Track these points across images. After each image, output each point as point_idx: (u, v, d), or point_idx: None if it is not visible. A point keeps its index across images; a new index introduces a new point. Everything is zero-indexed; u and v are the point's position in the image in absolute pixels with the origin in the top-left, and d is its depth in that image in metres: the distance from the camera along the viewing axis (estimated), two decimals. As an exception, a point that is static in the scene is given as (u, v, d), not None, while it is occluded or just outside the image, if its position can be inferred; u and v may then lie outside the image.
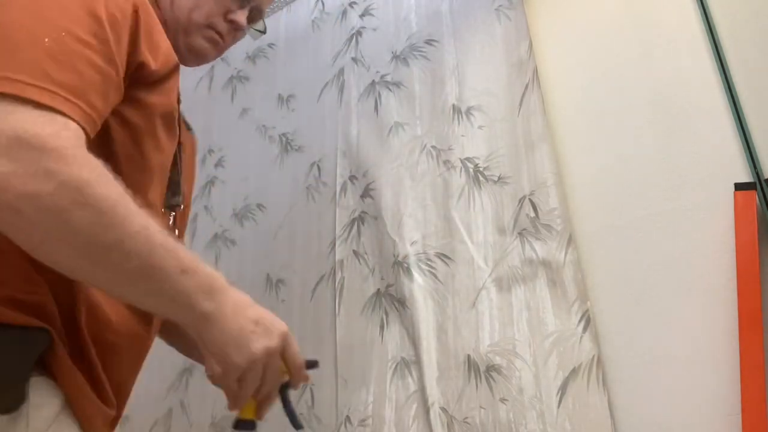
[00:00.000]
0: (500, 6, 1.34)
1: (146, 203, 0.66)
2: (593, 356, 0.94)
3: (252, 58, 1.84)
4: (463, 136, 1.26)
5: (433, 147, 1.30)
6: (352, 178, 1.39)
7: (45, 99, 0.54)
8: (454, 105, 1.31)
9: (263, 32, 1.02)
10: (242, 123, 1.74)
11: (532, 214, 1.10)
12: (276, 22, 1.83)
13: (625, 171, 1.11)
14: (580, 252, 1.07)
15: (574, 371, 0.94)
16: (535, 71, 1.23)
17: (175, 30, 0.86)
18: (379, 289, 1.24)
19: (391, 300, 1.21)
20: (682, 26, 1.15)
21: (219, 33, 0.90)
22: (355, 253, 1.31)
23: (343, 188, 1.39)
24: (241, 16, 0.91)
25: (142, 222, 0.57)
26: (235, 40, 0.95)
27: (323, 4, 1.71)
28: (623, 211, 1.09)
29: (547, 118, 1.19)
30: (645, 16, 1.20)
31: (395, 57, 1.47)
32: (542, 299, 1.03)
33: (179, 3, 0.86)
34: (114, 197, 0.56)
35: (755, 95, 1.04)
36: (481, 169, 1.21)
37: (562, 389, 0.93)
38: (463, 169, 1.23)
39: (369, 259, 1.28)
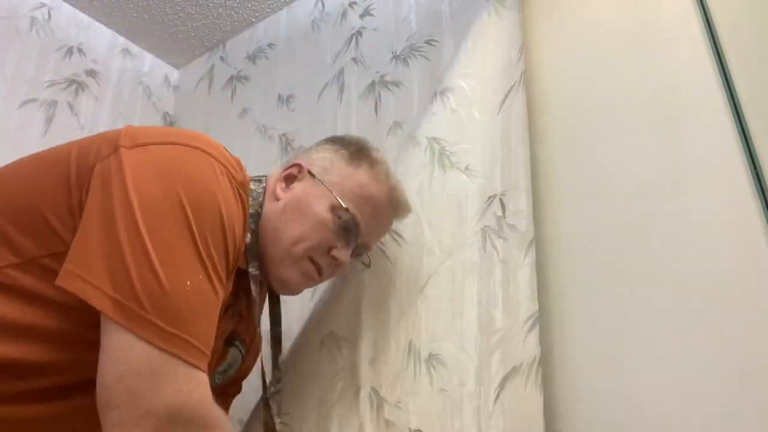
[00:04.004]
0: (498, 6, 1.33)
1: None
2: (535, 357, 0.93)
3: (252, 58, 1.84)
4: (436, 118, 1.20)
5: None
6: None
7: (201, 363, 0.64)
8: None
9: (368, 265, 1.01)
10: (242, 123, 1.74)
11: (500, 213, 1.07)
12: (276, 22, 1.83)
13: (625, 171, 1.11)
14: (551, 255, 1.06)
15: (515, 369, 0.93)
16: (523, 73, 1.19)
17: (270, 260, 0.84)
18: None
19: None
20: (682, 26, 1.14)
21: (317, 266, 0.86)
22: None
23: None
24: (344, 254, 0.86)
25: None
26: (332, 275, 0.92)
27: (323, 4, 1.72)
28: (624, 211, 1.08)
29: (541, 119, 1.18)
30: (644, 15, 1.20)
31: (395, 57, 1.47)
32: (494, 296, 1.00)
33: (281, 234, 0.83)
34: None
35: (755, 95, 1.04)
36: (447, 153, 1.16)
37: (501, 386, 0.92)
38: (428, 149, 1.17)
39: None
